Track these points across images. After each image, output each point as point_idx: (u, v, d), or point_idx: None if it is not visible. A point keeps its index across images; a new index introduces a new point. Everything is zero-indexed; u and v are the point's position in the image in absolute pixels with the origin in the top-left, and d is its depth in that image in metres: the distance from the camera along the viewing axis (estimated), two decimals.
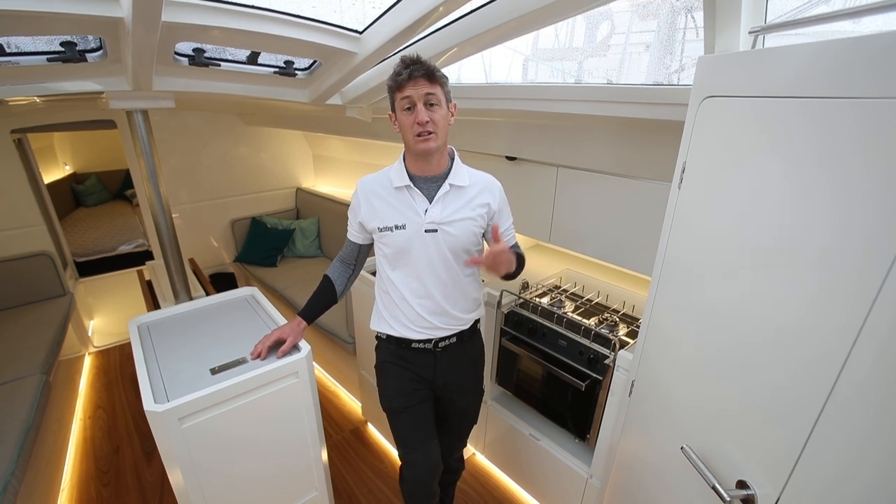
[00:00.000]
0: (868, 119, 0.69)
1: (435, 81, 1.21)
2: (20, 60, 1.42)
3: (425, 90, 1.20)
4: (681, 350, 1.12)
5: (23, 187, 2.96)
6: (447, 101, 1.26)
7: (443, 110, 1.24)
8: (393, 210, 1.34)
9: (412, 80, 1.19)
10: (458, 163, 1.38)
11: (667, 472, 1.18)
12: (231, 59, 1.73)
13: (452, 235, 1.33)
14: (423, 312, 1.39)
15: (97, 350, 3.50)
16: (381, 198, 1.36)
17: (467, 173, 1.37)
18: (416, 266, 1.36)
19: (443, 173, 1.35)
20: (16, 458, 1.70)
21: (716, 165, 0.99)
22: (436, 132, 1.24)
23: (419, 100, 1.20)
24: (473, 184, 1.36)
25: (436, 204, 1.32)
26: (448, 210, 1.33)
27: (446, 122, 1.27)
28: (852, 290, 0.71)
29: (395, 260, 1.38)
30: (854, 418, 0.72)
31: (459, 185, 1.34)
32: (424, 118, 1.21)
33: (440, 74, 1.23)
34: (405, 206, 1.33)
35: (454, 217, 1.33)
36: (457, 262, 1.37)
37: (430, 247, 1.33)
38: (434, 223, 1.32)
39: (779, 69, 0.83)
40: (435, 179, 1.34)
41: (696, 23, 1.47)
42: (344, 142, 3.67)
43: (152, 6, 1.07)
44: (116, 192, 6.22)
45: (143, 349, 1.55)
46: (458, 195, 1.34)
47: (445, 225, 1.32)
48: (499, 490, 2.22)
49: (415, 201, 1.33)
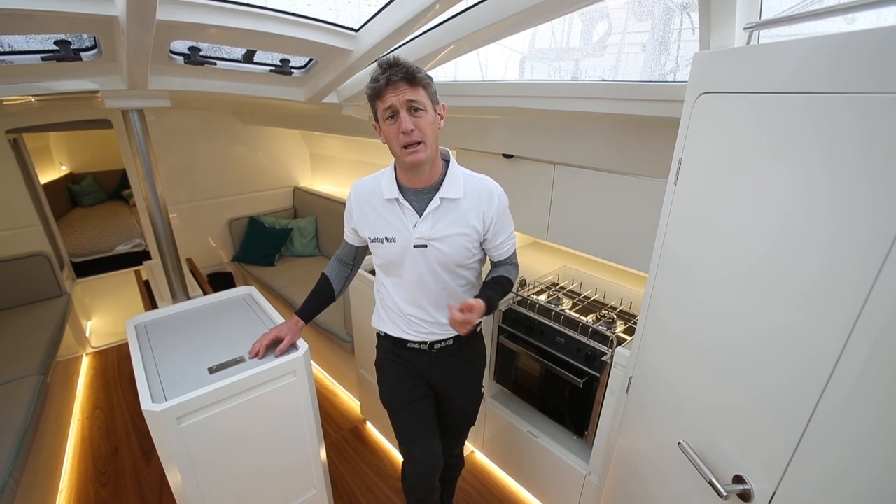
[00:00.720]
0: (865, 114, 0.69)
1: (417, 84, 1.12)
2: (14, 59, 1.41)
3: (407, 96, 1.11)
4: (678, 346, 1.13)
5: (18, 188, 2.94)
6: (433, 103, 1.18)
7: (429, 115, 1.15)
8: (384, 221, 1.30)
9: (391, 85, 1.10)
10: (454, 168, 1.29)
11: (664, 467, 1.19)
12: (227, 58, 1.72)
13: (443, 252, 1.27)
14: (416, 320, 1.39)
15: (95, 350, 3.49)
16: (372, 207, 1.32)
17: (463, 180, 1.28)
18: (407, 278, 1.34)
19: (435, 183, 1.27)
20: (13, 459, 1.69)
21: (712, 162, 0.99)
22: (424, 140, 1.15)
23: (402, 106, 1.12)
24: (468, 193, 1.27)
25: (425, 219, 1.26)
26: (439, 226, 1.26)
27: (434, 127, 1.18)
28: (848, 287, 0.71)
29: (386, 269, 1.38)
30: (848, 414, 0.73)
31: (452, 197, 1.25)
32: (409, 126, 1.12)
33: (422, 76, 1.13)
34: (395, 219, 1.28)
35: (445, 233, 1.26)
36: (449, 277, 1.33)
37: (420, 262, 1.29)
38: (423, 239, 1.26)
39: (774, 65, 0.83)
40: (426, 191, 1.27)
41: (692, 22, 1.47)
42: (341, 140, 3.66)
43: (146, 4, 1.06)
44: (113, 192, 6.20)
45: (140, 349, 1.55)
46: (450, 209, 1.26)
47: (435, 241, 1.26)
48: (498, 487, 2.23)
49: (404, 215, 1.27)
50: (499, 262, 1.45)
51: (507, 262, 1.44)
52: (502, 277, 1.40)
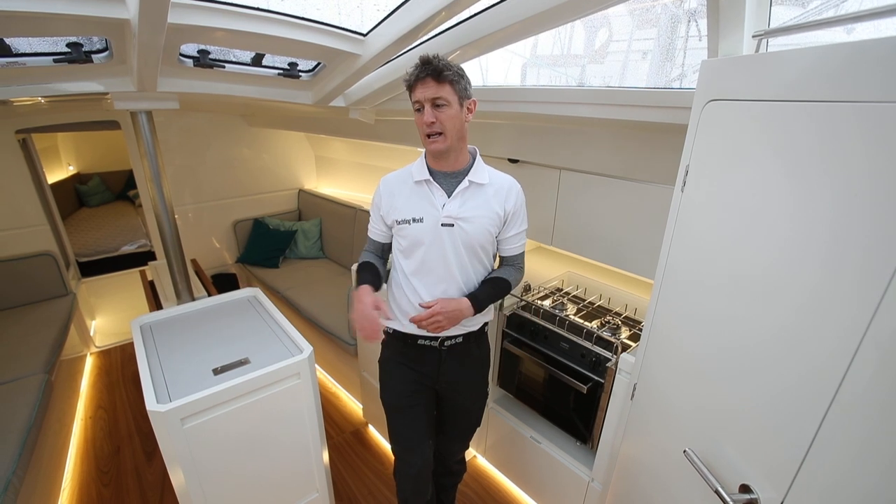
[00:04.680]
0: (872, 123, 0.69)
1: (443, 81, 1.22)
2: (26, 61, 1.43)
3: (431, 93, 1.22)
4: (683, 353, 1.12)
5: (26, 187, 2.97)
6: (461, 98, 1.26)
7: (452, 110, 1.25)
8: (412, 203, 1.37)
9: (419, 81, 1.22)
10: (480, 161, 1.40)
11: (669, 475, 1.18)
12: (235, 61, 1.74)
13: (468, 232, 1.34)
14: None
15: (99, 350, 3.50)
16: (401, 192, 1.39)
17: (488, 173, 1.39)
18: (430, 259, 1.37)
19: (463, 169, 1.37)
20: (17, 457, 1.70)
21: (719, 169, 0.99)
22: (443, 132, 1.26)
23: (426, 101, 1.23)
24: (492, 183, 1.38)
25: (454, 199, 1.34)
26: (466, 206, 1.34)
27: (457, 120, 1.27)
28: (855, 295, 0.71)
29: (409, 252, 1.39)
30: (857, 423, 0.72)
31: (479, 182, 1.35)
32: (430, 119, 1.24)
33: (450, 73, 1.22)
34: (424, 200, 1.36)
35: (471, 213, 1.34)
36: (470, 259, 1.38)
37: (446, 241, 1.35)
38: (451, 217, 1.33)
39: (782, 73, 0.83)
40: (455, 175, 1.36)
41: (699, 30, 1.47)
42: (346, 143, 3.68)
43: (159, 8, 1.08)
44: (119, 192, 6.25)
45: (145, 349, 1.55)
46: (476, 192, 1.36)
47: (462, 221, 1.34)
48: (500, 493, 2.22)
49: (433, 195, 1.35)
50: (505, 259, 1.48)
51: (513, 262, 1.47)
52: (499, 279, 1.43)
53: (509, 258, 1.47)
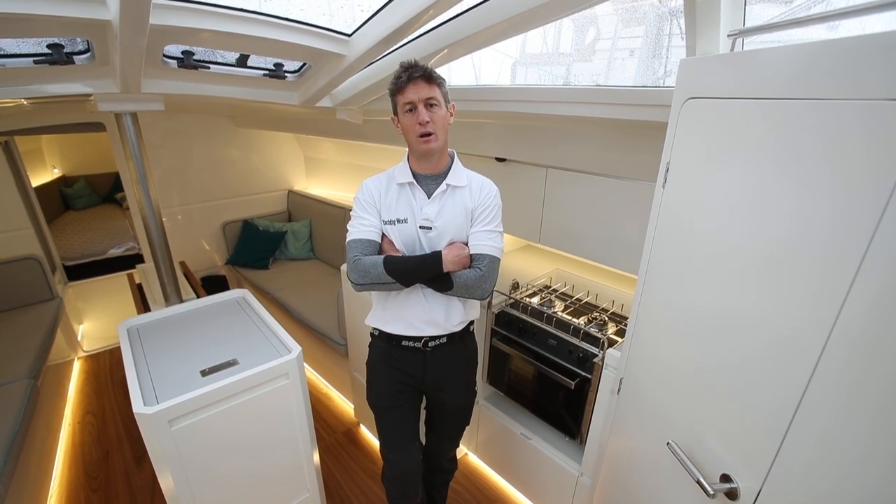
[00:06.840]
0: (828, 119, 0.72)
1: (433, 83, 1.27)
2: (6, 63, 1.41)
3: (424, 93, 1.25)
4: (666, 348, 1.14)
5: (10, 190, 2.93)
6: (446, 101, 1.31)
7: (442, 110, 1.30)
8: (398, 205, 1.39)
9: (412, 82, 1.25)
10: (458, 164, 1.42)
11: (654, 467, 1.20)
12: (220, 62, 1.73)
13: (443, 236, 1.36)
14: (414, 312, 1.40)
15: (87, 354, 3.46)
16: (388, 193, 1.41)
17: (466, 175, 1.41)
18: None
19: (443, 171, 1.40)
20: (2, 464, 1.68)
21: (698, 166, 1.01)
22: (436, 132, 1.29)
23: (420, 101, 1.26)
24: (470, 185, 1.40)
25: (433, 202, 1.37)
26: (444, 210, 1.37)
27: (445, 121, 1.32)
28: (827, 287, 0.73)
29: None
30: (828, 413, 0.74)
31: (457, 185, 1.38)
32: (426, 118, 1.26)
33: (437, 76, 1.28)
34: (407, 203, 1.39)
35: (448, 217, 1.36)
36: None
37: (425, 243, 1.37)
38: (428, 220, 1.36)
39: (756, 71, 0.85)
40: (435, 178, 1.39)
41: (681, 28, 1.50)
42: (335, 144, 3.67)
43: (140, 9, 1.07)
44: (106, 195, 6.16)
45: (132, 352, 1.54)
46: (454, 195, 1.38)
47: (439, 224, 1.36)
48: (491, 489, 2.23)
49: (415, 197, 1.38)
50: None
51: (476, 263, 1.34)
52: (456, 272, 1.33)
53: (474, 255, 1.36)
